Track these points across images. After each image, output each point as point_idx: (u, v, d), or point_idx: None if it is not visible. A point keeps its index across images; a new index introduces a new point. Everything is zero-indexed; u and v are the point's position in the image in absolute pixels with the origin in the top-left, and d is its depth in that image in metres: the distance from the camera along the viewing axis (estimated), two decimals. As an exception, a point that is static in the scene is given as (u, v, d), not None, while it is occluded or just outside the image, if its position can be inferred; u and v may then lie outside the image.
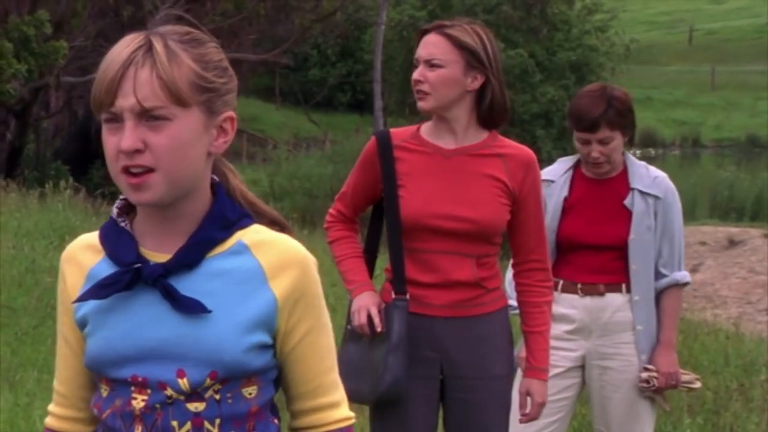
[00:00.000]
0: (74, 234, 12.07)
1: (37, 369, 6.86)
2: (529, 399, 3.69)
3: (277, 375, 2.06)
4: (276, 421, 2.07)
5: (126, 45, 1.95)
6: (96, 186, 19.58)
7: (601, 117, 4.11)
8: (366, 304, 3.57)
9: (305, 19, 28.22)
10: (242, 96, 38.65)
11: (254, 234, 2.03)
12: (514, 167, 3.58)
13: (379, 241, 3.83)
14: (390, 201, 3.57)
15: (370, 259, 3.76)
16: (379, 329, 3.54)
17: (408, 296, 3.56)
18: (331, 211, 3.77)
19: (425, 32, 3.60)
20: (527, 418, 3.73)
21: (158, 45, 1.94)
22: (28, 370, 6.80)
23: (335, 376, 2.08)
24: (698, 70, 46.63)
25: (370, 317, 3.56)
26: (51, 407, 2.16)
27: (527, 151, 3.64)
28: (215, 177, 2.06)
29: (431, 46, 3.54)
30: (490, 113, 3.58)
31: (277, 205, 18.63)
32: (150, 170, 1.93)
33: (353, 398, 3.63)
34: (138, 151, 1.92)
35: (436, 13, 33.84)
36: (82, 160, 22.31)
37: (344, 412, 2.09)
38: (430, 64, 3.53)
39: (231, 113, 2.02)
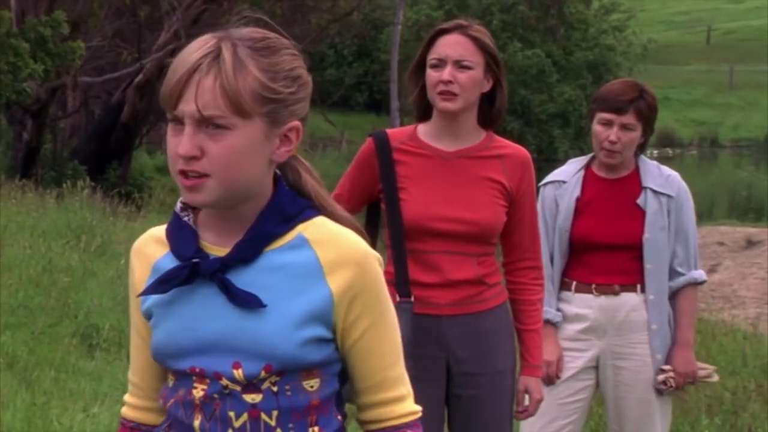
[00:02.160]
0: (91, 233, 12.14)
1: (54, 368, 6.88)
2: (527, 396, 3.70)
3: (342, 368, 2.07)
4: (340, 417, 2.08)
5: (197, 48, 1.96)
6: (113, 185, 19.61)
7: (631, 102, 4.14)
8: None
9: (322, 19, 28.23)
10: (259, 96, 38.60)
11: (316, 227, 2.04)
12: (512, 168, 3.60)
13: (375, 245, 3.82)
14: (392, 204, 3.57)
15: None
16: None
17: (412, 298, 3.56)
18: None
19: (445, 32, 3.57)
20: (526, 414, 3.74)
21: (227, 53, 1.94)
22: (45, 369, 6.81)
23: (400, 371, 2.09)
24: (716, 70, 46.50)
25: None
26: (126, 397, 2.20)
27: (523, 151, 3.67)
28: (278, 171, 2.06)
29: (460, 47, 3.53)
30: (495, 115, 3.62)
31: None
32: (204, 175, 1.95)
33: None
34: (194, 157, 1.94)
35: (452, 13, 33.81)
36: (99, 159, 22.35)
37: (410, 406, 2.10)
38: (461, 65, 3.52)
39: (296, 123, 2.03)
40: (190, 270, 2.00)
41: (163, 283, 2.02)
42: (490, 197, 3.57)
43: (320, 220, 2.05)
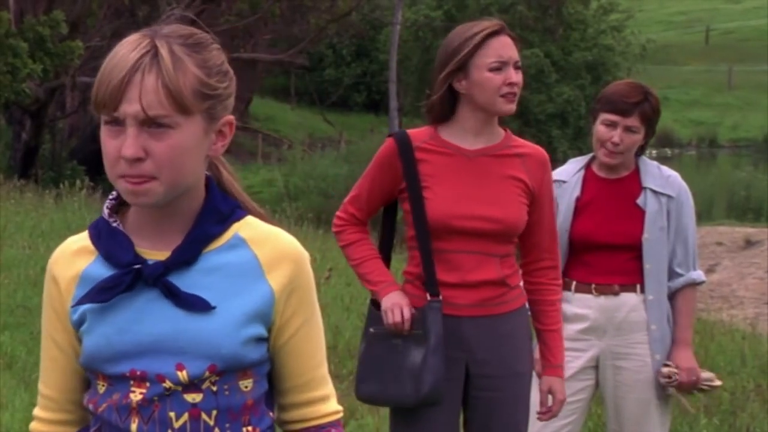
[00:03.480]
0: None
1: (53, 368, 6.87)
2: (550, 397, 3.70)
3: (269, 369, 2.08)
4: (271, 414, 2.09)
5: (132, 48, 1.94)
6: (111, 186, 19.60)
7: (636, 105, 4.14)
8: (399, 302, 3.56)
9: (320, 19, 28.25)
10: (257, 96, 38.76)
11: (250, 227, 2.05)
12: (533, 167, 3.61)
13: (392, 244, 3.82)
14: (416, 203, 3.56)
15: (384, 261, 3.75)
16: (407, 327, 3.54)
17: (441, 297, 3.55)
18: (339, 214, 3.73)
19: (497, 33, 3.54)
20: (549, 415, 3.74)
21: (164, 51, 1.93)
22: (44, 369, 6.80)
23: (325, 371, 2.10)
24: (715, 70, 46.51)
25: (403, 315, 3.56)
26: (37, 411, 2.15)
27: (542, 151, 3.68)
28: (207, 171, 2.06)
29: (513, 48, 3.55)
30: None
31: (293, 205, 18.64)
32: (152, 178, 1.94)
33: (388, 402, 3.62)
34: (139, 159, 1.93)
35: (451, 13, 33.82)
36: (98, 160, 22.20)
37: (333, 405, 2.11)
38: (517, 66, 3.55)
39: (230, 117, 2.03)
40: (133, 276, 1.99)
41: (103, 291, 2.00)
42: (514, 195, 3.57)
43: (252, 220, 2.06)
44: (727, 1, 60.32)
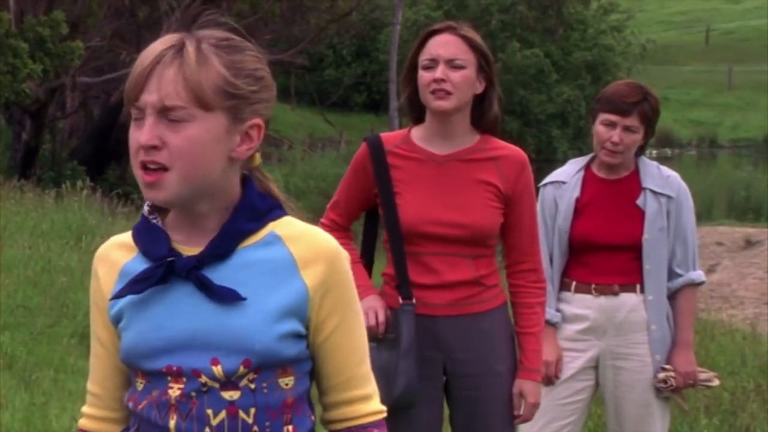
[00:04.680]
0: (91, 234, 12.12)
1: (53, 368, 6.88)
2: (522, 400, 3.67)
3: (311, 367, 2.07)
4: (312, 417, 2.09)
5: (161, 43, 1.98)
6: (112, 186, 19.61)
7: (635, 105, 4.15)
8: (374, 306, 3.59)
9: (321, 19, 28.24)
10: (258, 96, 38.60)
11: (286, 225, 2.06)
12: (506, 169, 3.59)
13: (374, 247, 3.83)
14: (388, 208, 3.58)
15: (366, 264, 3.77)
16: (382, 330, 3.55)
17: (414, 300, 3.56)
18: (323, 221, 3.75)
19: (436, 33, 3.58)
20: (521, 419, 3.70)
21: (190, 47, 1.97)
22: (44, 369, 6.81)
23: (367, 369, 2.10)
24: (715, 70, 46.49)
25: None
26: (85, 408, 2.17)
27: (519, 152, 3.65)
28: (245, 171, 2.07)
29: (452, 46, 3.53)
30: (490, 119, 3.61)
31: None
32: (164, 169, 1.96)
33: None
34: (155, 148, 1.95)
35: (451, 13, 33.83)
36: (98, 160, 22.35)
37: (376, 405, 2.10)
38: (453, 65, 3.52)
39: (258, 121, 2.03)
40: (165, 268, 2.00)
41: (137, 283, 2.02)
42: (484, 200, 3.57)
43: (289, 219, 2.08)
44: (727, 1, 60.31)
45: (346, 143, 34.99)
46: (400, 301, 3.57)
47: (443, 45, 3.54)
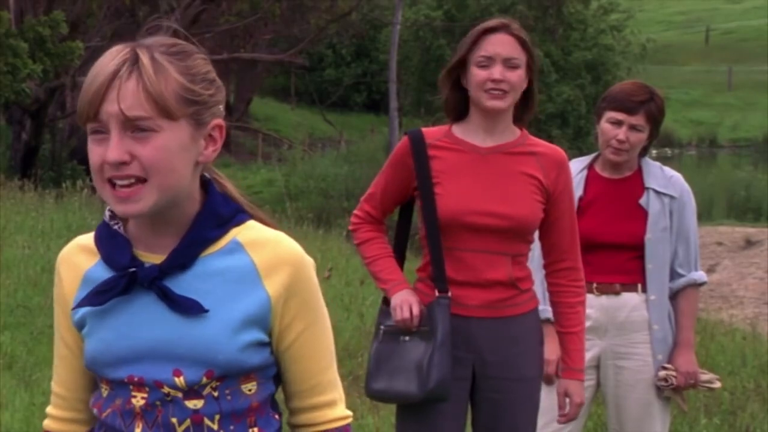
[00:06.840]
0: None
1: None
2: (567, 400, 3.71)
3: (276, 371, 2.07)
4: (277, 416, 2.09)
5: (112, 58, 1.94)
6: (112, 186, 19.58)
7: (642, 104, 4.16)
8: (408, 300, 3.57)
9: (320, 19, 28.24)
10: (257, 96, 38.75)
11: (249, 231, 2.03)
12: (547, 165, 3.60)
13: (407, 243, 3.83)
14: (427, 199, 3.56)
15: (398, 260, 3.75)
16: (416, 324, 3.54)
17: (450, 294, 3.55)
18: (356, 212, 3.75)
19: (492, 31, 3.57)
20: (566, 418, 3.75)
21: (144, 58, 1.93)
22: (44, 369, 6.81)
23: (333, 375, 2.09)
24: (715, 70, 46.49)
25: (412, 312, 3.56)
26: (49, 409, 2.16)
27: (559, 151, 3.68)
28: (206, 175, 2.05)
29: (508, 45, 3.54)
30: (529, 113, 3.65)
31: (293, 205, 18.65)
32: (140, 180, 1.92)
33: (396, 398, 3.63)
34: (124, 163, 1.91)
35: (451, 13, 33.81)
36: (98, 160, 22.32)
37: (341, 411, 2.10)
38: (510, 64, 3.53)
39: (219, 121, 2.01)
40: (128, 279, 1.98)
41: (99, 294, 2.00)
42: (527, 192, 3.57)
43: (252, 224, 2.05)
44: (727, 1, 60.31)
45: (346, 143, 34.99)
46: (436, 293, 3.56)
47: (501, 44, 3.55)
